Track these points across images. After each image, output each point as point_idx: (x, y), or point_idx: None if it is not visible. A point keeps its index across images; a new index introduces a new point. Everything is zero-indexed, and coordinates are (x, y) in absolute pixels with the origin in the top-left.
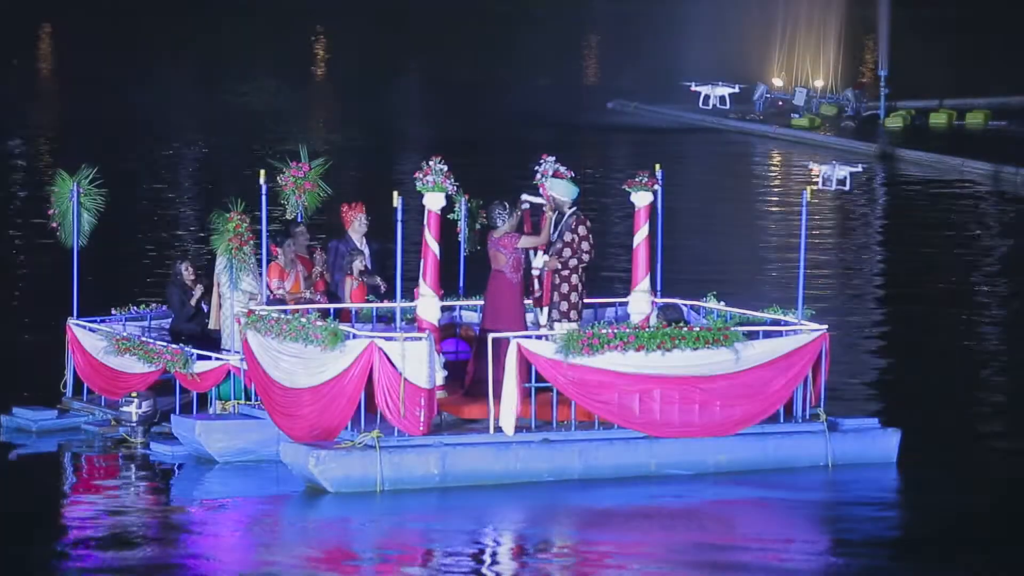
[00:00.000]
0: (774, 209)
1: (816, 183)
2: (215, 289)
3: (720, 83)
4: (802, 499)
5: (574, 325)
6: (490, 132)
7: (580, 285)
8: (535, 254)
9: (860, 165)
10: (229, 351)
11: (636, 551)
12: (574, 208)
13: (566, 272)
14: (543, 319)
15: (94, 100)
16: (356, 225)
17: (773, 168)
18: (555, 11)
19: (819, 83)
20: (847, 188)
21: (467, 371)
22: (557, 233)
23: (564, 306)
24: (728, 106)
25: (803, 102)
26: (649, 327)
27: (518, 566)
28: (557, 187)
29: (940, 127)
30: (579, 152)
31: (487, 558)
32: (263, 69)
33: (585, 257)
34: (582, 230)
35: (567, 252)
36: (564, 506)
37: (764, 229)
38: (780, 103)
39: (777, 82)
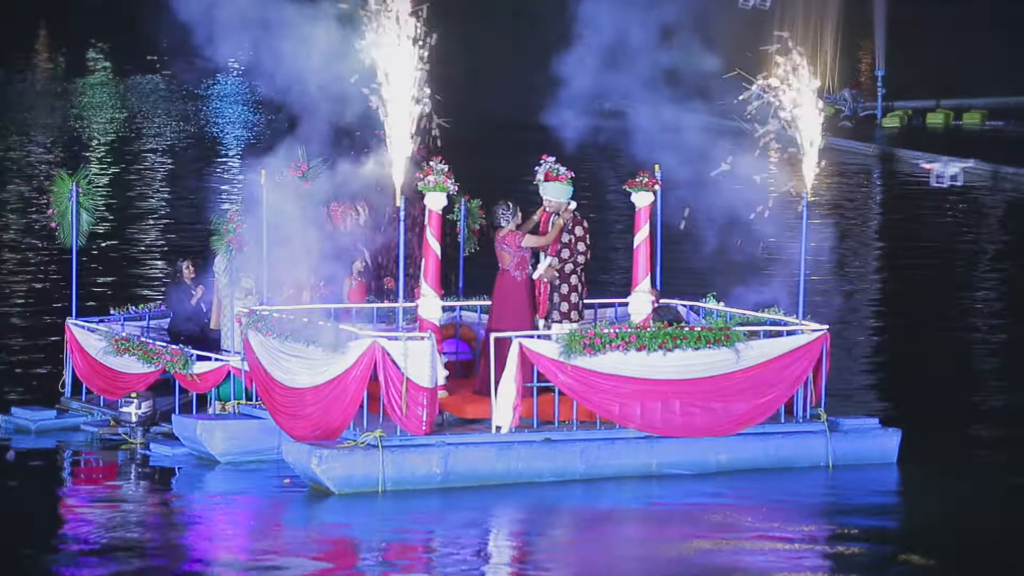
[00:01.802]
0: (773, 209)
1: (928, 179)
2: (215, 289)
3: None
4: (802, 499)
5: (575, 325)
6: (489, 132)
7: (580, 285)
8: (544, 255)
9: (972, 160)
10: (229, 351)
11: (637, 551)
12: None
13: (565, 272)
14: (542, 324)
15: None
16: (351, 224)
17: (772, 168)
18: (555, 11)
19: (816, 83)
20: (960, 183)
21: (477, 371)
22: None
23: (565, 307)
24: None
25: None
26: (650, 327)
27: (519, 565)
28: (550, 189)
29: (937, 127)
30: (579, 152)
31: (488, 557)
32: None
33: (580, 259)
34: (579, 230)
35: (565, 253)
36: (566, 506)
37: (764, 229)
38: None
39: (774, 83)
